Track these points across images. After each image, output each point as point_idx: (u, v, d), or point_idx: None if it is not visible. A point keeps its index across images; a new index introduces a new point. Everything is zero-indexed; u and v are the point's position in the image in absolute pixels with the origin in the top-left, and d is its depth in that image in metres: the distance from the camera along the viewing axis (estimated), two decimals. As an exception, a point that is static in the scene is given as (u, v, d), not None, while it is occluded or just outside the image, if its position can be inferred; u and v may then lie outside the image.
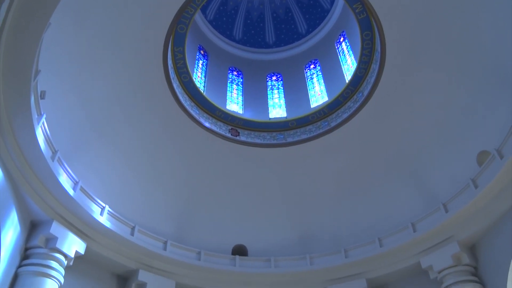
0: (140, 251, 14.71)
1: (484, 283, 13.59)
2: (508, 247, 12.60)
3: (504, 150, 12.23)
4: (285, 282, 16.70)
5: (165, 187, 17.24)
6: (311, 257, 16.93)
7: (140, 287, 14.66)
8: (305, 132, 18.95)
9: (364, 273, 16.10)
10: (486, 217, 13.29)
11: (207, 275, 16.16)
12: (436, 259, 14.40)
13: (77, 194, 12.61)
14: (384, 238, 16.00)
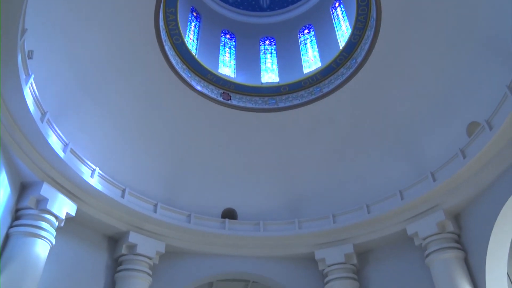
0: (131, 213, 14.83)
1: (466, 250, 14.04)
2: (490, 216, 12.98)
3: (493, 121, 12.33)
4: (274, 246, 17.02)
5: (156, 150, 17.23)
6: (299, 222, 17.20)
7: (130, 248, 14.87)
8: (297, 98, 18.87)
9: (351, 239, 16.44)
10: (472, 187, 13.56)
11: (197, 238, 16.39)
12: (421, 227, 14.74)
13: (67, 156, 12.56)
14: (372, 205, 16.27)
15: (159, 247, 15.45)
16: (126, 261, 14.72)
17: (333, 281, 16.09)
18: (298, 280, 16.85)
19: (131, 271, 14.48)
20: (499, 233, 12.93)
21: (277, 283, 16.91)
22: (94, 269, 14.16)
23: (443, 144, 15.22)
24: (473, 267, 13.66)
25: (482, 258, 13.15)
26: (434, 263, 14.13)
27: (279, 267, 17.01)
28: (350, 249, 16.29)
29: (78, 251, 13.75)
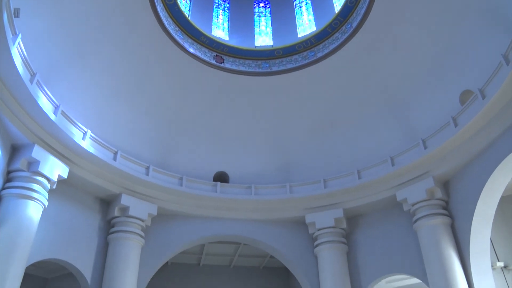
0: (123, 176, 14.86)
1: (453, 217, 14.36)
2: (478, 185, 13.21)
3: (487, 90, 12.31)
4: (265, 209, 17.26)
5: (148, 113, 17.11)
6: (291, 186, 17.36)
7: (122, 210, 15.00)
8: (290, 62, 18.66)
9: (341, 203, 16.68)
10: (462, 155, 13.70)
11: (189, 200, 16.54)
12: (411, 193, 14.97)
13: (58, 119, 12.42)
14: (363, 171, 16.43)
15: (151, 210, 15.60)
16: (119, 223, 14.87)
17: (323, 245, 16.43)
18: (288, 243, 17.19)
19: (124, 233, 14.66)
20: (486, 201, 13.20)
21: (268, 246, 17.25)
22: (86, 231, 14.31)
23: (435, 111, 15.25)
24: (458, 233, 14.01)
25: (468, 225, 13.48)
26: (422, 228, 14.44)
27: (269, 230, 17.29)
28: (340, 214, 16.55)
29: (70, 213, 13.84)
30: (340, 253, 16.37)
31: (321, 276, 16.21)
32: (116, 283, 13.80)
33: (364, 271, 16.12)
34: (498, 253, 14.91)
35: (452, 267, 13.41)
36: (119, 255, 14.31)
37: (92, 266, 14.09)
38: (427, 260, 14.06)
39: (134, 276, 14.43)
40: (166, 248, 15.96)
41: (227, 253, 20.98)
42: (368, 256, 16.23)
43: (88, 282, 13.75)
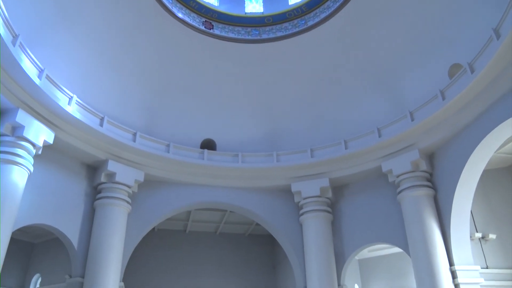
0: (109, 142, 14.74)
1: (436, 189, 14.66)
2: (462, 158, 13.48)
3: (476, 64, 12.33)
4: (252, 177, 17.36)
5: (135, 78, 16.83)
6: (277, 154, 17.42)
7: (109, 177, 14.96)
8: (281, 30, 18.38)
9: (327, 173, 16.84)
10: (448, 128, 13.87)
11: (176, 167, 16.54)
12: (396, 164, 15.16)
13: (42, 83, 12.17)
14: (349, 141, 16.52)
15: (138, 176, 15.59)
16: (105, 189, 14.86)
17: (308, 213, 16.67)
18: (274, 211, 17.41)
19: (110, 199, 14.68)
20: (468, 174, 13.50)
21: (254, 214, 17.47)
22: (73, 197, 14.30)
23: (424, 84, 15.26)
24: (440, 205, 14.35)
25: (450, 197, 13.83)
26: (405, 199, 14.72)
27: (256, 198, 17.47)
28: (326, 183, 16.73)
29: (57, 179, 13.77)
30: (324, 221, 16.63)
31: (305, 244, 16.52)
32: (103, 248, 13.91)
33: (347, 240, 16.46)
34: (477, 225, 15.31)
35: (433, 237, 13.79)
36: (105, 221, 14.37)
37: (79, 231, 14.15)
38: (409, 230, 14.40)
39: (120, 242, 14.54)
40: (152, 215, 16.06)
41: (213, 220, 21.21)
42: (352, 225, 16.54)
43: (74, 248, 13.85)
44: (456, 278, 13.24)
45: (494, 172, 16.28)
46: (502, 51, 11.22)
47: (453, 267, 13.42)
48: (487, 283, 13.98)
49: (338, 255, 16.39)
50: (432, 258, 13.50)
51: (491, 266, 14.78)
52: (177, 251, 21.52)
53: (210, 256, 21.87)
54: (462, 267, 13.43)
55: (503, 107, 12.01)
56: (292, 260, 17.02)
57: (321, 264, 15.82)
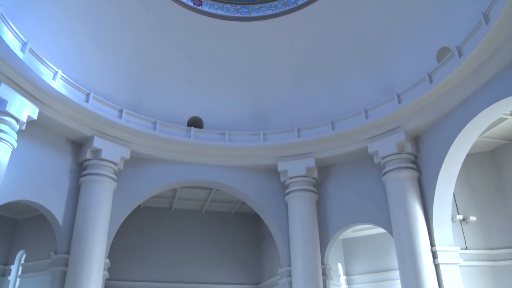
0: (95, 118, 14.56)
1: (421, 171, 14.89)
2: (447, 141, 13.69)
3: (464, 48, 12.39)
4: (238, 156, 17.36)
5: (122, 54, 16.50)
6: (264, 134, 17.42)
7: (95, 153, 14.83)
8: (270, 8, 18.12)
9: (314, 153, 16.92)
10: (435, 111, 14.01)
11: (162, 145, 16.45)
12: (382, 146, 15.31)
13: (26, 57, 11.91)
14: (336, 122, 16.58)
15: (124, 153, 15.48)
16: (91, 166, 14.74)
17: (293, 193, 16.80)
18: (260, 190, 17.50)
19: (96, 176, 14.57)
20: (452, 157, 13.72)
21: (239, 192, 17.55)
22: (58, 173, 14.17)
23: (412, 67, 15.29)
24: (424, 187, 14.59)
25: (434, 179, 14.08)
26: (390, 181, 14.91)
27: (242, 176, 17.52)
28: (312, 163, 16.82)
29: (41, 155, 13.61)
30: (310, 201, 16.80)
31: (290, 223, 16.70)
32: (88, 225, 13.89)
33: (332, 220, 16.67)
34: (458, 207, 15.64)
35: (416, 219, 14.07)
36: (91, 197, 14.30)
37: (64, 208, 14.07)
38: (393, 211, 14.65)
39: (106, 219, 14.51)
40: (138, 192, 16.03)
41: (199, 198, 21.24)
42: (337, 206, 16.74)
43: (59, 224, 13.80)
44: (437, 258, 13.57)
45: (477, 156, 16.57)
46: (490, 36, 11.27)
47: (434, 248, 13.73)
48: (465, 263, 14.38)
49: (323, 235, 16.60)
50: (414, 239, 13.79)
51: (470, 247, 15.18)
52: (163, 229, 21.59)
53: (196, 234, 21.99)
54: (443, 248, 13.76)
55: (489, 92, 12.16)
56: (277, 238, 17.21)
57: (306, 243, 16.02)
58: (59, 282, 13.28)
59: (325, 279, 16.04)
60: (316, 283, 15.46)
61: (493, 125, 14.67)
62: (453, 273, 13.55)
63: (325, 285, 15.96)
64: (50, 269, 13.77)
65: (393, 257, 16.05)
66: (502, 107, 12.35)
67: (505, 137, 16.03)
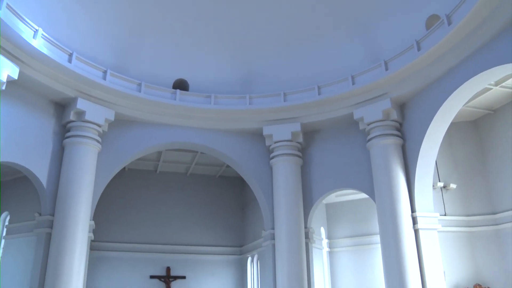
0: (78, 79, 14.24)
1: (405, 138, 15.06)
2: (432, 109, 13.81)
3: (453, 16, 12.27)
4: (224, 119, 17.30)
5: (106, 14, 15.91)
6: (250, 97, 17.32)
7: (78, 115, 14.61)
8: (259, -32, 17.63)
9: (299, 118, 16.92)
10: (422, 79, 14.03)
11: (147, 107, 16.26)
12: (367, 112, 15.36)
13: (3, 13, 11.38)
14: (323, 87, 16.51)
15: (108, 115, 15.28)
16: (75, 128, 14.56)
17: (278, 157, 16.91)
18: (245, 153, 17.57)
19: (80, 138, 14.42)
20: (436, 125, 13.88)
21: (224, 155, 17.59)
22: (41, 135, 13.97)
23: (400, 34, 15.14)
24: (408, 154, 14.78)
25: (417, 147, 14.27)
26: (374, 147, 15.06)
27: (227, 140, 17.53)
28: (298, 128, 16.86)
29: (23, 116, 13.33)
30: (294, 166, 16.95)
31: (274, 187, 16.89)
32: (73, 187, 13.87)
33: (316, 184, 16.89)
34: (440, 174, 15.97)
35: (398, 185, 14.32)
36: (75, 159, 14.21)
37: (47, 170, 13.98)
38: (376, 177, 14.87)
39: (90, 181, 14.49)
40: (123, 154, 15.94)
41: (184, 161, 21.28)
42: (321, 170, 16.92)
43: (43, 186, 13.74)
44: (416, 224, 13.94)
45: (460, 125, 16.81)
46: (480, 5, 11.13)
47: (414, 214, 14.08)
48: (444, 229, 14.85)
49: (306, 199, 16.86)
50: (396, 205, 14.09)
51: (449, 213, 15.64)
52: (148, 191, 21.71)
53: (180, 197, 22.18)
54: (423, 214, 14.12)
55: (476, 62, 12.18)
56: (261, 202, 17.43)
57: (289, 207, 16.28)
58: (44, 244, 13.36)
59: (307, 242, 16.41)
60: (298, 246, 15.83)
61: (477, 94, 14.82)
62: (431, 238, 13.99)
63: (308, 248, 16.36)
64: (35, 230, 13.82)
65: (374, 222, 16.46)
66: (488, 77, 12.44)
67: (488, 107, 16.23)
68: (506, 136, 15.73)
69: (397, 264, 13.48)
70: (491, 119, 16.42)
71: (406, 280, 13.23)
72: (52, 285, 12.77)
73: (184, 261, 21.15)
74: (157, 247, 20.90)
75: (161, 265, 20.79)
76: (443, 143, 14.73)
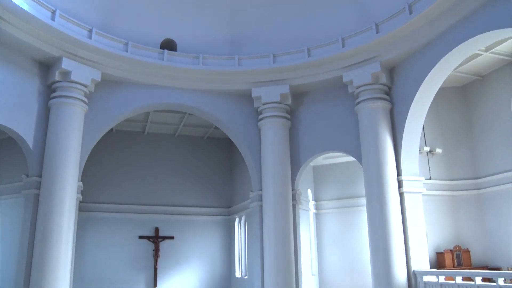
0: (63, 37, 13.82)
1: (393, 102, 15.07)
2: (422, 74, 13.77)
3: (447, -20, 12.09)
4: (212, 80, 17.08)
5: (90, -33, 15.43)
6: (239, 58, 17.08)
7: (64, 75, 14.29)
8: None
9: (288, 80, 16.78)
10: (412, 43, 13.92)
11: (134, 67, 15.96)
12: (357, 75, 15.28)
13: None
14: (313, 49, 16.33)
15: (95, 75, 14.98)
16: (60, 88, 14.27)
17: (267, 119, 16.89)
18: (233, 115, 17.50)
19: (66, 98, 14.16)
20: (425, 90, 13.89)
21: (213, 117, 17.51)
22: (25, 95, 13.68)
23: (393, -4, 14.92)
24: (395, 118, 14.83)
25: (405, 111, 14.31)
26: (363, 111, 15.06)
27: (215, 101, 17.39)
28: (286, 90, 16.77)
29: (5, 76, 12.95)
30: (282, 128, 16.98)
31: (262, 148, 16.95)
32: (60, 148, 13.74)
33: (304, 147, 16.99)
34: (426, 139, 16.16)
35: (385, 149, 14.45)
36: (61, 120, 14.01)
37: (34, 131, 13.78)
38: (364, 140, 14.97)
39: (77, 142, 14.37)
40: (110, 115, 15.76)
41: (172, 122, 21.17)
42: (309, 133, 16.98)
43: (30, 147, 13.59)
44: (402, 187, 14.19)
45: (448, 91, 16.88)
46: (474, -32, 11.00)
47: (400, 177, 14.30)
48: (428, 192, 15.21)
49: (294, 161, 16.99)
50: (382, 168, 14.27)
51: (434, 177, 15.96)
52: (136, 153, 21.69)
53: (168, 158, 22.24)
54: (408, 178, 14.33)
55: (467, 27, 12.06)
56: (249, 163, 17.54)
57: (277, 168, 16.42)
58: (32, 205, 13.36)
59: (294, 203, 16.68)
60: (285, 208, 16.10)
61: (467, 60, 14.82)
62: (415, 201, 14.29)
63: (294, 210, 16.65)
64: (23, 192, 13.78)
65: (360, 185, 16.69)
66: (479, 43, 12.38)
67: (477, 73, 16.28)
68: (493, 103, 15.88)
69: (381, 226, 13.80)
70: (479, 85, 16.50)
71: (390, 241, 13.60)
72: (42, 245, 12.87)
73: (172, 222, 21.46)
74: (146, 208, 21.12)
75: (149, 226, 21.09)
76: (431, 108, 14.79)
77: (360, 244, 17.68)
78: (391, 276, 13.35)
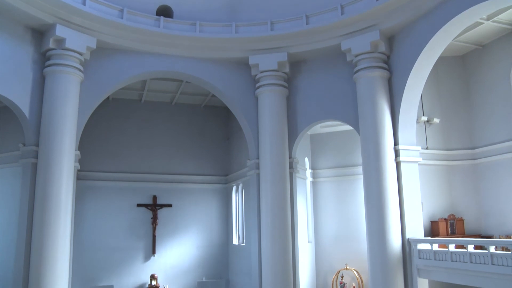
0: (56, 3, 13.49)
1: (392, 71, 14.96)
2: (421, 43, 13.66)
3: None
4: (209, 48, 16.88)
5: None
6: (237, 25, 16.82)
7: (58, 42, 14.06)
8: None
9: (286, 47, 16.58)
10: (411, 12, 13.74)
11: (130, 34, 15.71)
12: (356, 43, 15.10)
13: None
14: (311, 16, 16.06)
15: (90, 42, 14.76)
16: (55, 56, 14.07)
17: (264, 87, 16.77)
18: (230, 83, 17.37)
19: (61, 66, 14.00)
20: (424, 59, 13.79)
21: (210, 85, 17.39)
22: (19, 63, 13.53)
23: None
24: (394, 87, 14.76)
25: (404, 80, 14.24)
26: (361, 79, 14.96)
27: (212, 69, 17.21)
28: (284, 57, 16.59)
29: (-1, 44, 12.82)
30: (280, 96, 16.88)
31: (260, 117, 16.93)
32: (56, 117, 13.70)
33: (301, 115, 16.96)
34: (424, 109, 16.11)
35: (383, 118, 14.46)
36: (57, 89, 13.90)
37: (29, 100, 13.71)
38: (361, 109, 14.94)
39: (74, 110, 14.30)
40: (106, 84, 15.62)
41: (169, 90, 21.02)
42: (307, 101, 16.90)
43: (26, 116, 13.55)
44: (399, 156, 14.27)
45: (448, 60, 16.70)
46: None
47: (397, 146, 14.36)
48: (424, 162, 15.29)
49: (291, 129, 16.99)
50: (379, 137, 14.31)
51: (430, 147, 15.99)
52: (133, 121, 21.62)
53: (165, 126, 22.19)
54: (405, 147, 14.41)
55: (469, -5, 11.87)
56: (246, 132, 17.54)
57: (274, 136, 16.44)
58: (30, 174, 13.42)
59: (291, 172, 16.80)
60: (282, 176, 16.22)
61: (467, 29, 14.57)
62: (412, 170, 14.42)
63: (291, 178, 16.78)
64: (20, 161, 13.82)
65: (357, 154, 16.72)
66: (480, 11, 12.21)
67: (477, 43, 16.07)
68: (493, 73, 15.76)
69: (377, 195, 13.95)
70: (479, 55, 16.33)
71: (385, 209, 13.79)
72: (41, 214, 13.02)
73: (170, 190, 21.62)
74: (144, 176, 21.22)
75: (147, 194, 21.26)
76: (429, 77, 14.69)
77: (356, 212, 17.88)
78: (386, 244, 13.60)
